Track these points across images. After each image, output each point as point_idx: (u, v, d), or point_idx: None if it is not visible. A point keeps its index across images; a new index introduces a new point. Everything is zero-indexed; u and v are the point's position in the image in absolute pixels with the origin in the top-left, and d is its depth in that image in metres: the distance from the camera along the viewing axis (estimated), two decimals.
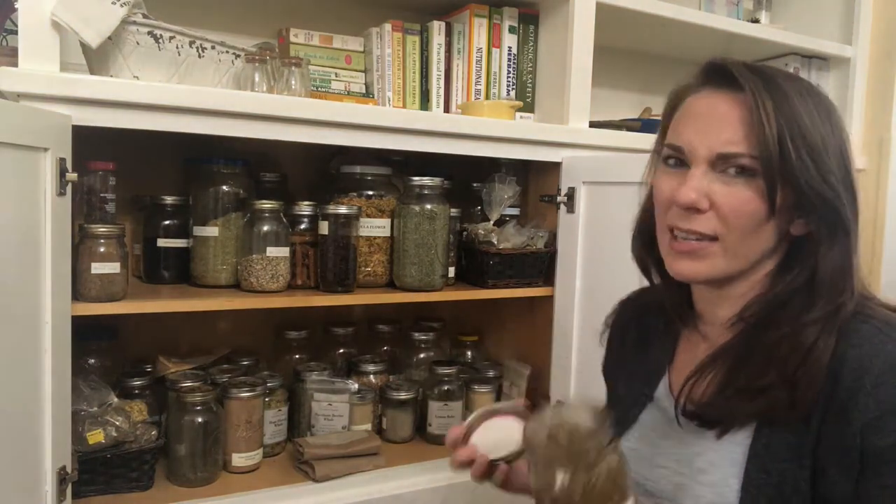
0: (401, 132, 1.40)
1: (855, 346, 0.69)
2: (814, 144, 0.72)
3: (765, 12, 2.18)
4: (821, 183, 0.72)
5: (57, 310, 1.05)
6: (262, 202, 1.39)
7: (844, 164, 0.74)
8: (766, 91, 0.72)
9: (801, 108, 0.72)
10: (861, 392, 0.67)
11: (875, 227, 2.06)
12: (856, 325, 0.71)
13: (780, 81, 0.74)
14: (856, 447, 0.68)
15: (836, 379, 0.69)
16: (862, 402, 0.67)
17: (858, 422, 0.67)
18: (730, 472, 0.74)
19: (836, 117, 0.76)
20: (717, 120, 0.74)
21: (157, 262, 1.44)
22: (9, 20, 1.45)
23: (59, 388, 1.06)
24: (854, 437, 0.67)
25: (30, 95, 1.09)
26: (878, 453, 0.67)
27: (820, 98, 0.76)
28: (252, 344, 1.66)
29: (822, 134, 0.73)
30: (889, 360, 0.68)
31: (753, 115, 0.72)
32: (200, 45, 1.30)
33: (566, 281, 1.59)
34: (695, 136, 0.75)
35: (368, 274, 1.50)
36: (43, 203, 1.02)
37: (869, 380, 0.67)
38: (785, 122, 0.71)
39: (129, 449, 1.26)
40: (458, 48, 1.68)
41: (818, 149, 0.72)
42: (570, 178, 1.58)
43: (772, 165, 0.71)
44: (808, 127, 0.72)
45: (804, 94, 0.74)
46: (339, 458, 1.39)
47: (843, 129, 0.76)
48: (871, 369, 0.67)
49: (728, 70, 0.75)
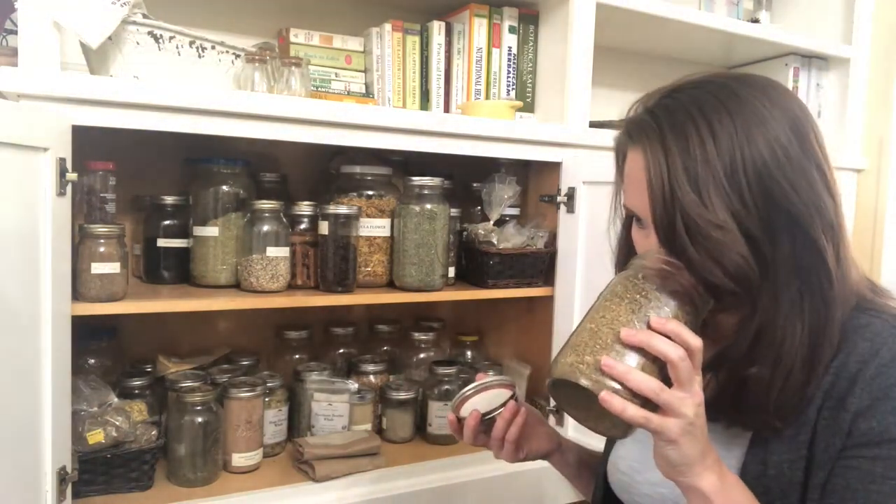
0: (401, 132, 1.40)
1: (867, 339, 0.71)
2: (704, 176, 0.68)
3: (765, 12, 2.18)
4: (710, 211, 0.67)
5: (57, 310, 1.05)
6: (262, 202, 1.39)
7: (771, 174, 0.68)
8: (657, 140, 0.71)
9: (697, 145, 0.69)
10: (860, 381, 0.69)
11: (875, 227, 2.06)
12: (867, 320, 0.72)
13: (680, 119, 0.70)
14: (845, 432, 0.69)
15: (840, 371, 0.70)
16: (858, 389, 0.69)
17: (853, 407, 0.69)
18: (729, 462, 0.74)
19: (774, 128, 0.70)
20: (633, 181, 0.75)
21: (157, 262, 1.44)
22: (9, 20, 1.45)
23: (59, 388, 1.06)
24: (846, 422, 0.69)
25: (30, 95, 1.09)
26: (861, 433, 0.68)
27: (748, 109, 0.70)
28: (252, 344, 1.66)
29: (726, 160, 0.68)
30: (892, 353, 0.69)
31: (647, 174, 0.71)
32: (200, 45, 1.30)
33: (566, 281, 1.59)
34: (633, 201, 0.76)
35: (368, 274, 1.50)
36: (43, 203, 1.01)
37: (869, 370, 0.69)
38: (670, 168, 0.69)
39: (129, 449, 1.26)
40: (458, 48, 1.68)
41: (710, 178, 0.68)
42: (570, 178, 1.58)
43: (663, 214, 0.70)
44: (703, 161, 0.68)
45: (720, 118, 0.69)
46: (339, 458, 1.39)
47: (791, 136, 0.70)
48: (874, 360, 0.69)
49: (631, 125, 0.76)
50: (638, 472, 0.85)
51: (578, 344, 0.66)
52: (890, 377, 0.68)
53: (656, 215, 0.71)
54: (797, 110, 0.72)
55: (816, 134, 0.73)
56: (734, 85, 0.73)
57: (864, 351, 0.70)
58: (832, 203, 0.71)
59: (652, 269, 0.70)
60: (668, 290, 0.68)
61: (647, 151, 0.71)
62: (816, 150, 0.72)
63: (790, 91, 0.75)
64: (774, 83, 0.74)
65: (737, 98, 0.71)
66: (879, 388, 0.68)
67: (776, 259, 0.69)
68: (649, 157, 0.71)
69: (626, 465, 0.87)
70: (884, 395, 0.68)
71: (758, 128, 0.69)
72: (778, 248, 0.69)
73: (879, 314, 0.73)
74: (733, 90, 0.72)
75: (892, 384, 0.68)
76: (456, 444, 1.58)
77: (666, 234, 0.70)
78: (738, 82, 0.73)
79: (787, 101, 0.72)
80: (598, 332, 0.66)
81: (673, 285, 0.68)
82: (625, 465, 0.87)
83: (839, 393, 0.70)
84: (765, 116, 0.70)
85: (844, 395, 0.69)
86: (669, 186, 0.69)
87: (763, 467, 0.72)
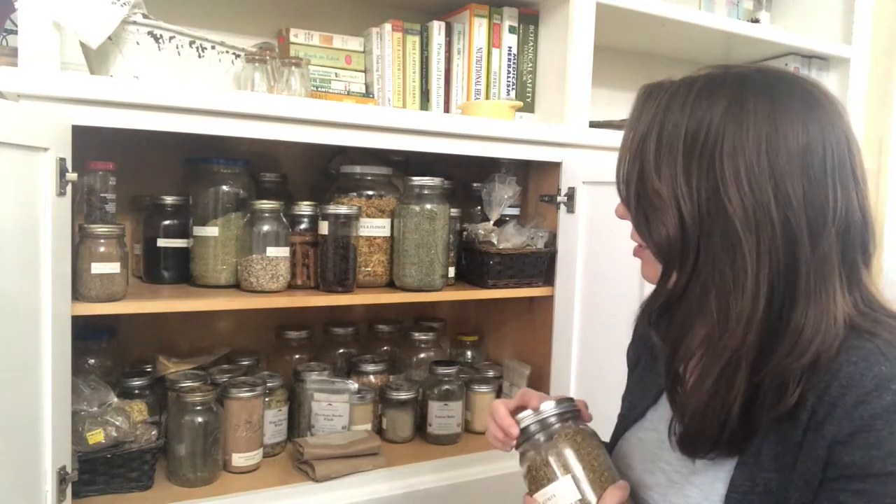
0: (401, 132, 1.40)
1: (852, 363, 0.66)
2: (667, 145, 0.71)
3: (765, 12, 2.18)
4: (657, 179, 0.71)
5: (57, 310, 1.05)
6: (262, 202, 1.39)
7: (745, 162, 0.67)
8: (654, 102, 0.74)
9: (674, 116, 0.71)
10: (840, 407, 0.65)
11: (875, 228, 2.06)
12: (860, 343, 0.67)
13: (681, 91, 0.72)
14: (821, 459, 0.66)
15: (822, 395, 0.67)
16: (838, 415, 0.65)
17: (830, 435, 0.65)
18: (718, 476, 0.73)
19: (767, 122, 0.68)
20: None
21: (157, 262, 1.44)
22: (9, 20, 1.45)
23: (59, 388, 1.06)
24: (822, 448, 0.66)
25: (30, 95, 1.09)
26: (844, 465, 0.65)
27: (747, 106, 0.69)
28: (252, 344, 1.66)
29: (689, 140, 0.69)
30: (876, 381, 0.65)
31: (630, 126, 0.76)
32: (200, 45, 1.30)
33: (566, 281, 1.59)
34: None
35: (368, 274, 1.50)
36: (43, 203, 1.01)
37: (851, 397, 0.65)
38: (649, 127, 0.73)
39: (129, 449, 1.26)
40: (458, 48, 1.68)
41: (668, 153, 0.71)
42: (570, 178, 1.58)
43: (620, 174, 0.76)
44: (672, 132, 0.71)
45: (710, 101, 0.70)
46: (339, 458, 1.39)
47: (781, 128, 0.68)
48: (856, 387, 0.65)
49: (641, 90, 0.78)
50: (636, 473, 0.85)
51: None
52: (872, 406, 0.64)
53: (619, 162, 0.76)
54: (800, 136, 0.68)
55: (813, 169, 0.68)
56: (755, 77, 0.72)
57: (847, 375, 0.66)
58: (795, 238, 0.67)
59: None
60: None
61: (641, 107, 0.75)
62: (797, 182, 0.67)
63: (822, 115, 0.70)
64: (809, 99, 0.70)
65: (741, 90, 0.70)
66: (861, 418, 0.64)
67: (701, 249, 0.70)
68: (639, 112, 0.75)
69: (625, 463, 0.87)
70: (866, 426, 0.64)
71: (733, 124, 0.68)
72: (707, 241, 0.69)
73: (874, 337, 0.67)
74: (748, 81, 0.71)
75: (874, 414, 0.64)
76: (456, 444, 1.59)
77: (621, 182, 0.76)
78: (766, 78, 0.72)
79: (795, 121, 0.68)
80: None
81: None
82: (625, 465, 0.87)
83: (819, 417, 0.66)
84: (750, 122, 0.68)
85: (823, 420, 0.66)
86: (640, 139, 0.74)
87: (751, 484, 0.71)
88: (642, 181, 0.73)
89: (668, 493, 0.78)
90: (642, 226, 0.74)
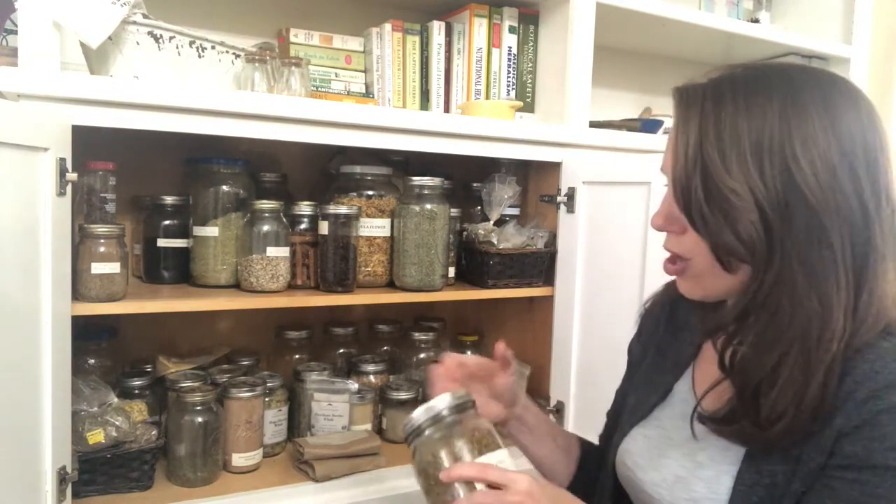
0: (401, 132, 1.40)
1: (868, 360, 0.68)
2: (730, 144, 0.69)
3: (765, 12, 2.18)
4: (729, 176, 0.69)
5: (57, 310, 1.05)
6: (262, 202, 1.39)
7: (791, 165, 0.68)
8: (698, 103, 0.72)
9: (731, 114, 0.70)
10: (850, 401, 0.67)
11: None
12: (878, 342, 0.69)
13: (725, 89, 0.72)
14: (826, 450, 0.68)
15: (836, 388, 0.68)
16: (848, 409, 0.67)
17: (838, 426, 0.67)
18: (725, 469, 0.74)
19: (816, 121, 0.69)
20: (670, 141, 0.76)
21: (157, 262, 1.44)
22: (9, 20, 1.45)
23: (59, 388, 1.06)
24: (829, 439, 0.67)
25: (30, 95, 1.09)
26: (844, 455, 0.67)
27: (797, 101, 0.70)
28: (252, 344, 1.66)
29: (754, 137, 0.69)
30: (889, 379, 0.66)
31: (677, 129, 0.74)
32: (200, 45, 1.30)
33: (566, 281, 1.59)
34: (665, 160, 0.78)
35: (368, 274, 1.50)
36: (43, 203, 1.01)
37: (862, 392, 0.67)
38: (702, 128, 0.71)
39: (129, 449, 1.26)
40: (458, 48, 1.68)
41: (735, 147, 0.69)
42: (570, 178, 1.58)
43: (680, 181, 0.72)
44: (732, 131, 0.70)
45: (763, 97, 0.70)
46: (339, 458, 1.39)
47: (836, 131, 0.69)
48: (869, 383, 0.67)
49: (676, 93, 0.77)
50: (642, 470, 0.85)
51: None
52: (882, 402, 0.66)
53: (677, 168, 0.73)
54: (853, 122, 0.70)
55: (868, 153, 0.70)
56: (793, 73, 0.73)
57: (862, 372, 0.68)
58: (870, 218, 0.69)
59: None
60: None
61: (686, 112, 0.73)
62: (862, 165, 0.70)
63: (858, 101, 0.73)
64: (843, 88, 0.73)
65: (790, 86, 0.71)
66: (868, 412, 0.66)
67: (785, 241, 0.69)
68: (685, 117, 0.73)
69: (632, 460, 0.87)
70: (873, 419, 0.66)
71: (797, 118, 0.69)
72: (790, 232, 0.69)
73: (890, 336, 0.70)
74: (790, 77, 0.72)
75: (882, 409, 0.66)
76: None
77: (682, 189, 0.72)
78: (803, 73, 0.73)
79: (845, 109, 0.71)
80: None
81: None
82: (631, 461, 0.88)
83: (830, 410, 0.68)
84: (811, 114, 0.69)
85: (833, 413, 0.68)
86: (697, 144, 0.71)
87: (758, 475, 0.72)
88: (712, 183, 0.70)
89: (674, 488, 0.79)
90: (719, 228, 0.70)
